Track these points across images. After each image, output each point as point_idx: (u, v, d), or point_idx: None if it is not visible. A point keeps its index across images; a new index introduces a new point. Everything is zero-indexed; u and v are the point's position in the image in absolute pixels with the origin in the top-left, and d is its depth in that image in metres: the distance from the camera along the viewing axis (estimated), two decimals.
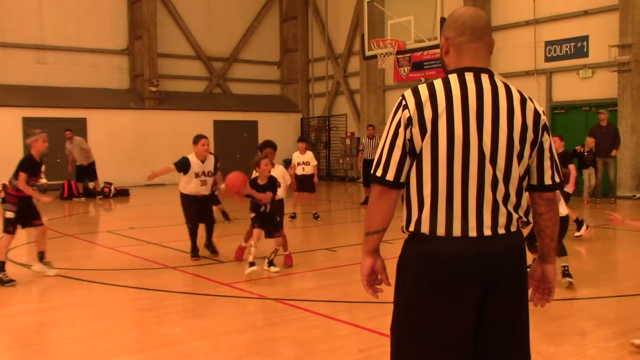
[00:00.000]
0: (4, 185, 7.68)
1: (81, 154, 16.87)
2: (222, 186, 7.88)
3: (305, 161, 11.68)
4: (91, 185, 17.11)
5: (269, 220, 7.01)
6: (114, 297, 6.28)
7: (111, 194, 17.28)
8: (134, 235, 10.49)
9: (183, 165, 7.81)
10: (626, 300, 5.65)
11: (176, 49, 22.84)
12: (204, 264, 7.73)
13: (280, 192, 7.35)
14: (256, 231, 6.88)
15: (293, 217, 11.79)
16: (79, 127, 20.06)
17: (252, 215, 7.01)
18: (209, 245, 8.27)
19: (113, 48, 21.94)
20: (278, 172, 7.55)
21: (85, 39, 20.99)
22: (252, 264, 6.68)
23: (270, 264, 7.11)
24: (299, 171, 11.57)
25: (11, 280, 6.72)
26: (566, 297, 5.74)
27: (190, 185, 7.88)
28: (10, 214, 6.89)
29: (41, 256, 7.18)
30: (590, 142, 13.50)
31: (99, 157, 19.89)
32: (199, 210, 8.04)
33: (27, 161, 6.88)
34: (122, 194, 17.30)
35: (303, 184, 11.39)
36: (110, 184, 17.47)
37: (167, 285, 6.66)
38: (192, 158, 7.85)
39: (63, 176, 17.80)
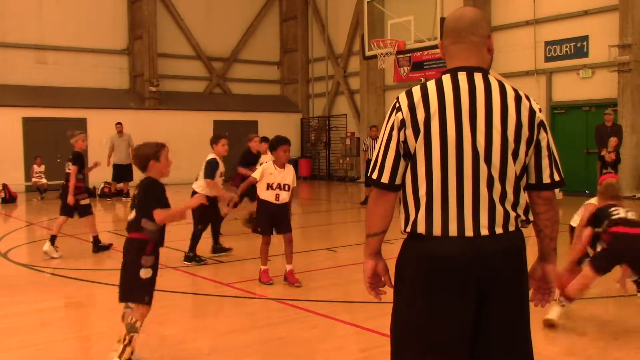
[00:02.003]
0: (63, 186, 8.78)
1: (126, 150, 16.45)
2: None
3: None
4: (124, 186, 16.75)
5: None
6: (114, 297, 6.25)
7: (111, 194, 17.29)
8: None
9: (213, 170, 7.65)
10: (626, 300, 5.65)
11: (176, 49, 22.85)
12: (205, 264, 7.72)
13: (286, 196, 6.45)
14: (144, 309, 4.13)
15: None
16: (79, 127, 19.94)
17: (147, 274, 4.10)
18: (218, 247, 8.20)
19: (113, 48, 21.95)
20: (290, 173, 6.52)
21: (85, 39, 20.99)
22: None
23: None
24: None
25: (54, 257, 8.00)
26: None
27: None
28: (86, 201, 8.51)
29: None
30: (613, 141, 13.50)
31: (98, 157, 19.82)
32: (212, 211, 7.84)
33: (79, 156, 8.40)
34: (122, 194, 17.28)
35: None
36: (110, 184, 17.46)
37: (167, 285, 6.65)
38: (216, 158, 7.75)
39: (63, 176, 17.77)
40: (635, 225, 4.73)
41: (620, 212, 4.83)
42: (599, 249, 4.83)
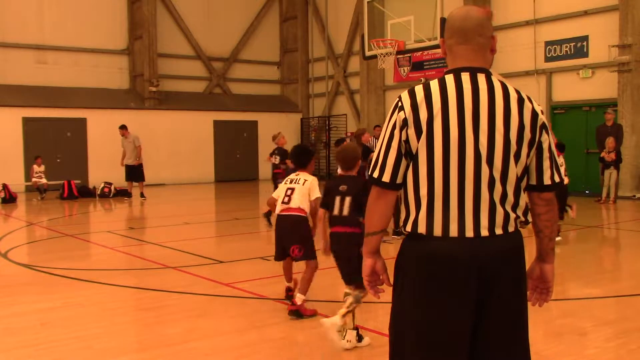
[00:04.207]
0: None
1: (133, 152, 16.30)
2: None
3: None
4: (140, 186, 16.59)
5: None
6: (114, 297, 6.28)
7: (111, 194, 17.30)
8: (134, 235, 10.50)
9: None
10: (626, 300, 5.65)
11: (176, 49, 22.85)
12: (204, 264, 7.73)
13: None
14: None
15: None
16: (79, 127, 20.09)
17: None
18: (398, 230, 9.64)
19: (113, 48, 21.95)
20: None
21: (85, 39, 21.00)
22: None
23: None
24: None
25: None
26: (566, 297, 5.74)
27: None
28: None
29: None
30: (610, 142, 13.56)
31: (98, 157, 19.98)
32: None
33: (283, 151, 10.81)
34: (122, 194, 17.30)
35: None
36: (110, 184, 17.47)
37: (167, 285, 6.66)
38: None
39: (63, 176, 17.81)
40: None
41: None
42: None
